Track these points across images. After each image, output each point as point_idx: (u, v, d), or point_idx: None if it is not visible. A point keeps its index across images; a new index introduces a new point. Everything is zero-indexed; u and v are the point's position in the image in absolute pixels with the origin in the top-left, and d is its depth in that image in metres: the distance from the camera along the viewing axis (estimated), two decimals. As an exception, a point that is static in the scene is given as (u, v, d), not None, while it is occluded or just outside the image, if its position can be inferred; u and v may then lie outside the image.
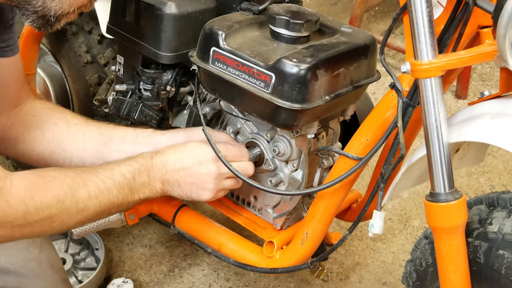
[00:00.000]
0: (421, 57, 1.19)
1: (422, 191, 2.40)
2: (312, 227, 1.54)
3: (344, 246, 2.19)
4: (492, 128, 1.25)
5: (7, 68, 1.45)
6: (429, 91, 1.20)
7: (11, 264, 1.41)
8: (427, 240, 1.39)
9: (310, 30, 1.45)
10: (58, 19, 1.26)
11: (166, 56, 1.55)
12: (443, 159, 1.22)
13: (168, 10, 1.52)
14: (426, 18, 1.17)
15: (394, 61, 3.20)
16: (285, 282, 2.05)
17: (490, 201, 1.35)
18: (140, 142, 1.55)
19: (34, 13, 1.24)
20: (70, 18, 1.28)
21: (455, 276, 1.27)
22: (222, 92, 1.49)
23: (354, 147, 1.45)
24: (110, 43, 1.93)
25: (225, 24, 1.47)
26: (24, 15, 1.25)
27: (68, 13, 1.26)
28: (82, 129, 1.55)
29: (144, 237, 2.19)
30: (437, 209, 1.23)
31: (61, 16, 1.26)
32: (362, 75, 1.49)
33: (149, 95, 1.66)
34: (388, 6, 3.53)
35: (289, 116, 1.39)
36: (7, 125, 1.50)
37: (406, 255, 1.77)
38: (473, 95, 2.99)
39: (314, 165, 1.60)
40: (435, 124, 1.21)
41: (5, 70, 1.45)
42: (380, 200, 1.39)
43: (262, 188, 1.49)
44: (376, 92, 2.90)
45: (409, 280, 1.44)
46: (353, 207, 1.80)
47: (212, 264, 2.10)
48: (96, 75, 1.94)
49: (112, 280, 2.00)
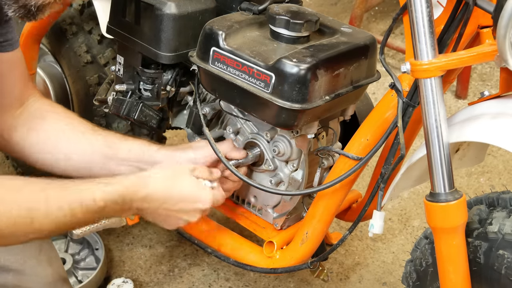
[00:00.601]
0: (421, 57, 1.19)
1: (422, 191, 2.40)
2: (312, 227, 1.54)
3: (344, 246, 2.19)
4: (492, 128, 1.25)
5: (8, 64, 1.43)
6: (429, 91, 1.20)
7: (10, 262, 1.41)
8: (427, 240, 1.39)
9: (310, 30, 1.45)
10: (41, 9, 1.24)
11: (166, 56, 1.55)
12: (443, 159, 1.22)
13: (168, 10, 1.52)
14: (426, 18, 1.17)
15: (394, 61, 3.20)
16: (285, 282, 2.05)
17: (490, 201, 1.35)
18: (145, 159, 1.54)
19: (15, 3, 1.22)
20: (54, 8, 1.26)
21: (455, 276, 1.27)
22: (222, 92, 1.49)
23: (354, 147, 1.45)
24: (110, 43, 1.93)
25: (225, 24, 1.47)
26: (6, 4, 1.23)
27: (50, 2, 1.24)
28: (89, 138, 1.52)
29: (144, 237, 2.19)
30: (437, 209, 1.23)
31: (43, 6, 1.24)
32: (362, 75, 1.49)
33: (149, 95, 1.66)
34: (388, 6, 3.53)
35: (289, 116, 1.39)
36: (13, 125, 1.48)
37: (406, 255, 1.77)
38: (473, 95, 2.99)
39: (314, 165, 1.60)
40: (435, 124, 1.21)
41: (6, 66, 1.43)
42: (380, 200, 1.39)
43: (262, 188, 1.49)
44: (376, 92, 2.90)
45: (409, 280, 1.44)
46: (353, 207, 1.80)
47: (212, 264, 2.10)
48: (96, 75, 1.94)
49: (112, 280, 1.99)
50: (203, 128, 1.54)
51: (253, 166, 1.60)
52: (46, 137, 1.50)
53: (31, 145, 1.49)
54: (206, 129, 1.53)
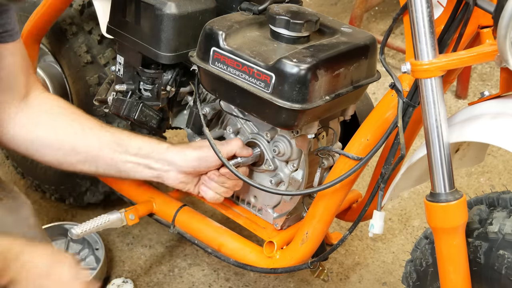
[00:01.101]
0: (421, 57, 1.19)
1: (422, 191, 2.40)
2: (312, 227, 1.54)
3: (344, 246, 2.19)
4: (492, 128, 1.25)
5: (9, 55, 1.41)
6: (429, 91, 1.20)
7: None
8: (427, 240, 1.39)
9: (310, 30, 1.45)
10: None
11: (166, 56, 1.55)
12: (443, 159, 1.22)
13: (168, 10, 1.52)
14: (426, 18, 1.17)
15: (394, 61, 3.20)
16: (285, 282, 2.05)
17: (490, 201, 1.35)
18: (155, 157, 1.54)
19: None
20: None
21: (455, 276, 1.27)
22: (222, 92, 1.49)
23: (354, 147, 1.45)
24: (110, 43, 1.93)
25: (225, 24, 1.47)
26: None
27: None
28: (97, 134, 1.52)
29: (144, 237, 2.19)
30: (437, 209, 1.23)
31: None
32: (362, 75, 1.49)
33: (149, 95, 1.66)
34: (388, 6, 3.53)
35: (289, 116, 1.39)
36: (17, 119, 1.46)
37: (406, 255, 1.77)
38: (473, 95, 2.99)
39: (314, 165, 1.60)
40: (435, 124, 1.21)
41: (7, 57, 1.41)
42: (380, 200, 1.39)
43: (262, 188, 1.49)
44: (376, 92, 2.90)
45: (409, 280, 1.44)
46: (353, 207, 1.80)
47: (212, 264, 2.10)
48: (96, 75, 1.94)
49: (112, 280, 2.00)
50: (203, 128, 1.54)
51: (253, 166, 1.60)
52: (54, 132, 1.49)
53: (37, 140, 1.48)
54: (206, 129, 1.53)
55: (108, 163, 1.53)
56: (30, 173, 2.25)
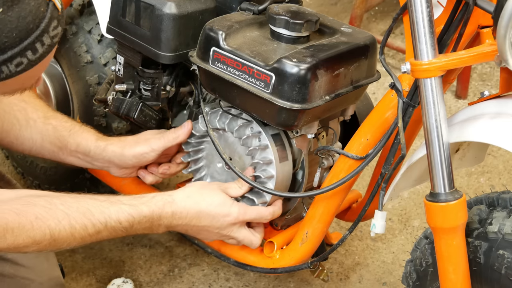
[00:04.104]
0: (421, 57, 1.20)
1: (422, 191, 2.40)
2: (312, 227, 1.54)
3: (344, 246, 2.19)
4: (492, 128, 1.25)
5: None
6: (429, 91, 1.20)
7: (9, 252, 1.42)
8: (427, 240, 1.39)
9: (310, 30, 1.45)
10: None
11: (166, 56, 1.55)
12: (443, 159, 1.23)
13: (168, 10, 1.52)
14: (426, 18, 1.17)
15: (394, 61, 3.19)
16: (285, 282, 2.05)
17: (490, 201, 1.35)
18: (93, 157, 1.59)
19: None
20: None
21: (455, 276, 1.27)
22: (222, 92, 1.49)
23: (354, 147, 1.45)
24: (110, 43, 1.93)
25: (225, 24, 1.47)
26: None
27: None
28: (39, 127, 1.56)
29: (144, 237, 2.19)
30: (437, 209, 1.23)
31: None
32: (362, 75, 1.49)
33: (149, 95, 1.66)
34: (388, 6, 3.53)
35: (289, 116, 1.39)
36: None
37: (406, 255, 1.78)
38: (473, 95, 2.98)
39: (314, 165, 1.60)
40: (435, 124, 1.21)
41: None
42: (381, 200, 1.39)
43: (262, 189, 1.49)
44: (376, 92, 2.90)
45: (409, 280, 1.44)
46: (353, 207, 1.80)
47: (212, 264, 2.09)
48: (96, 75, 1.94)
49: (112, 280, 1.99)
50: (207, 129, 1.54)
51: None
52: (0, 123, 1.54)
53: None
54: (210, 129, 1.53)
55: (52, 155, 1.59)
56: (30, 173, 2.25)
